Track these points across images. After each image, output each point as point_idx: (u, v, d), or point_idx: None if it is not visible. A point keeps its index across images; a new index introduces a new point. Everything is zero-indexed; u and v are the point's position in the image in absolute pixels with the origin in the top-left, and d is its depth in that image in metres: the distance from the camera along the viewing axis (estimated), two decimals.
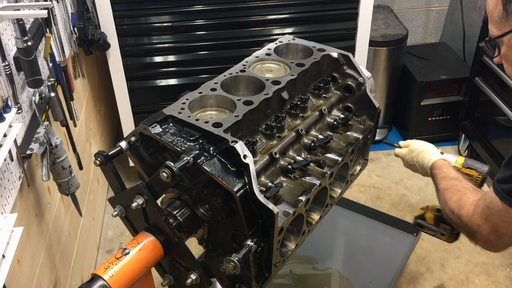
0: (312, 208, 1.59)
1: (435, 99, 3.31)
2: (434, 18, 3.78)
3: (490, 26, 1.27)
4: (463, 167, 1.72)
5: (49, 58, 1.87)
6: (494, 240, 1.37)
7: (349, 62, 1.80)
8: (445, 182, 1.58)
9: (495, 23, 1.24)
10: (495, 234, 1.35)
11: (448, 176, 1.59)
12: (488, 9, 1.25)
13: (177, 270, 1.47)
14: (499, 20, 1.22)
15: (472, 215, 1.40)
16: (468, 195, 1.47)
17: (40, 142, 1.65)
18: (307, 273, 2.40)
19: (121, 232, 2.82)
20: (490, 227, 1.35)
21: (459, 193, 1.50)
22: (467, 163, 1.73)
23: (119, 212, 1.43)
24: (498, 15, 1.21)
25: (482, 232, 1.37)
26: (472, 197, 1.45)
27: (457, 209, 1.46)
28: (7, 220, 1.33)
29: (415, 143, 1.82)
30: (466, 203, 1.44)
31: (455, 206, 1.47)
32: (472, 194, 1.47)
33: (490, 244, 1.40)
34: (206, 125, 1.36)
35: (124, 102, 2.82)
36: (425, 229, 1.84)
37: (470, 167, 1.72)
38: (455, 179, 1.57)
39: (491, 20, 1.26)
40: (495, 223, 1.33)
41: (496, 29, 1.24)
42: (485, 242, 1.40)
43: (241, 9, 2.69)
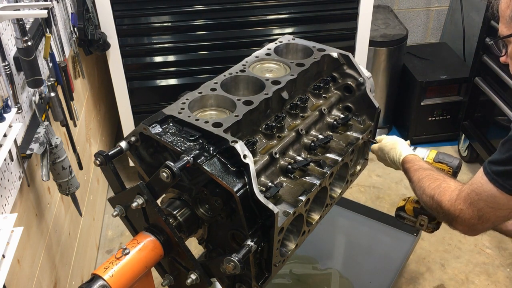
0: (312, 208, 1.59)
1: (435, 99, 3.31)
2: (434, 18, 3.78)
3: (501, 25, 1.29)
4: (434, 161, 1.74)
5: (49, 58, 1.87)
6: (475, 225, 1.38)
7: (349, 62, 1.80)
8: (419, 173, 1.59)
9: (505, 22, 1.26)
10: (478, 219, 1.36)
11: (421, 168, 1.61)
12: (500, 9, 1.28)
13: (177, 270, 1.47)
14: (510, 20, 1.24)
15: (455, 200, 1.40)
16: (448, 182, 1.48)
17: (40, 142, 1.65)
18: (307, 273, 2.40)
19: (121, 232, 2.82)
20: (474, 211, 1.36)
21: (437, 181, 1.51)
22: (438, 157, 1.75)
23: (119, 212, 1.43)
24: (510, 15, 1.24)
25: (464, 216, 1.38)
26: (453, 183, 1.47)
27: (437, 195, 1.47)
28: (7, 220, 1.33)
29: (386, 139, 1.83)
30: (448, 189, 1.45)
31: (434, 192, 1.48)
32: (452, 181, 1.49)
33: (470, 228, 1.41)
34: (206, 125, 1.36)
35: (124, 102, 2.82)
36: (405, 220, 1.87)
37: (441, 161, 1.74)
38: (430, 169, 1.59)
39: (502, 20, 1.28)
40: (481, 208, 1.34)
41: (506, 29, 1.27)
42: (466, 226, 1.41)
43: (241, 9, 2.69)
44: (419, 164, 1.64)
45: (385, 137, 1.85)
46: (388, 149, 1.78)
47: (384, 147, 1.81)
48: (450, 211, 1.42)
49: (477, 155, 3.17)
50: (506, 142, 1.29)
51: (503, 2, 1.26)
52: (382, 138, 1.86)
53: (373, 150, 1.87)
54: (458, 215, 1.40)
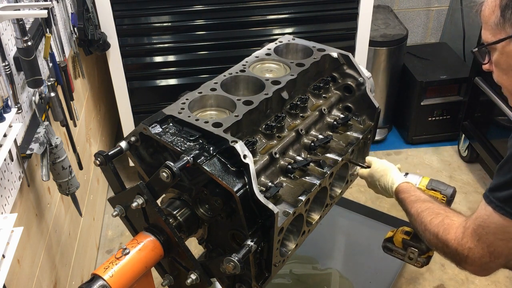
0: (312, 208, 1.60)
1: (435, 99, 3.31)
2: (434, 18, 3.78)
3: (484, 32, 1.23)
4: (427, 188, 1.63)
5: (49, 58, 1.87)
6: (488, 263, 1.26)
7: (349, 62, 1.80)
8: (417, 205, 1.46)
9: (490, 29, 1.21)
10: (490, 255, 1.24)
11: (419, 199, 1.48)
12: (483, 15, 1.23)
13: (177, 270, 1.47)
14: (495, 27, 1.19)
15: (462, 238, 1.28)
16: (451, 217, 1.35)
17: (40, 142, 1.65)
18: (307, 273, 2.40)
19: (121, 232, 2.82)
20: (484, 248, 1.24)
21: (439, 216, 1.38)
22: (431, 184, 1.64)
23: (119, 212, 1.43)
24: (495, 21, 1.18)
25: (475, 255, 1.26)
26: (457, 219, 1.34)
27: (442, 233, 1.34)
28: (7, 220, 1.33)
29: (375, 165, 1.69)
30: (452, 226, 1.32)
31: (438, 230, 1.35)
32: (455, 216, 1.36)
33: (482, 267, 1.28)
34: (206, 125, 1.36)
35: (124, 102, 2.82)
36: (394, 253, 1.73)
37: (434, 189, 1.63)
38: (428, 201, 1.46)
39: (486, 26, 1.22)
40: (491, 243, 1.22)
41: (491, 35, 1.21)
42: (477, 266, 1.28)
43: (241, 9, 2.69)
44: (415, 194, 1.51)
45: (375, 162, 1.70)
46: (379, 176, 1.66)
47: (374, 174, 1.67)
48: (458, 251, 1.29)
49: (477, 155, 3.16)
50: (505, 164, 1.19)
51: (487, 7, 1.21)
52: (371, 162, 1.72)
53: (362, 176, 1.74)
54: (467, 254, 1.27)
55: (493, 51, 1.24)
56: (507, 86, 1.27)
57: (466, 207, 2.96)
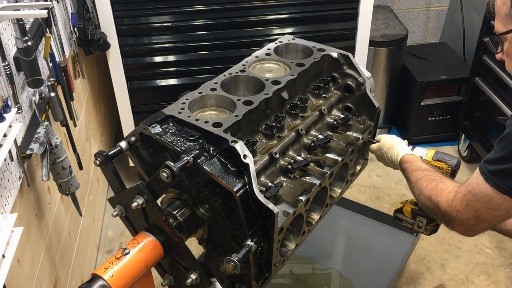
0: (312, 208, 1.59)
1: (435, 99, 3.31)
2: (434, 18, 3.78)
3: (496, 22, 1.29)
4: (433, 159, 1.74)
5: (49, 58, 1.87)
6: (473, 225, 1.38)
7: (349, 62, 1.80)
8: (417, 173, 1.58)
9: (501, 19, 1.26)
10: (475, 219, 1.36)
11: (419, 168, 1.60)
12: (496, 5, 1.28)
13: (177, 270, 1.47)
14: (506, 17, 1.24)
15: (452, 201, 1.40)
16: (445, 182, 1.48)
17: (40, 142, 1.65)
18: (307, 273, 2.40)
19: (121, 232, 2.82)
20: (471, 212, 1.35)
21: (434, 181, 1.50)
22: (437, 156, 1.74)
23: (119, 212, 1.43)
24: (506, 12, 1.24)
25: (462, 217, 1.38)
26: (450, 184, 1.46)
27: (434, 196, 1.46)
28: (7, 220, 1.33)
29: (384, 138, 1.81)
30: (445, 190, 1.44)
31: (431, 193, 1.47)
32: (449, 182, 1.48)
33: (468, 229, 1.40)
34: (206, 125, 1.36)
35: (124, 102, 2.82)
36: (403, 222, 1.86)
37: (439, 160, 1.73)
38: (427, 170, 1.58)
39: (498, 17, 1.28)
40: (477, 209, 1.33)
41: (502, 26, 1.27)
42: (463, 227, 1.40)
43: (241, 9, 2.69)
44: (416, 164, 1.63)
45: (384, 137, 1.83)
46: (386, 149, 1.77)
47: (382, 147, 1.79)
48: (447, 213, 1.42)
49: (477, 155, 3.16)
50: (501, 140, 1.28)
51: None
52: (381, 137, 1.85)
53: (372, 149, 1.86)
54: (455, 216, 1.40)
55: (505, 41, 1.29)
56: None
57: None
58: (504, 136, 1.27)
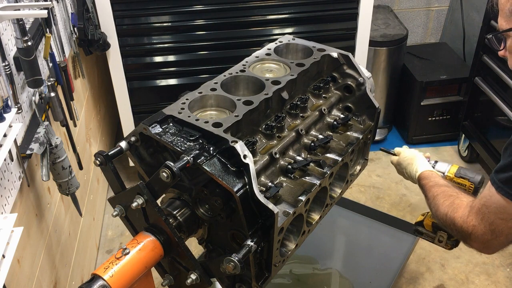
0: (312, 208, 1.59)
1: (435, 99, 3.31)
2: (434, 18, 3.78)
3: (500, 19, 1.29)
4: (456, 176, 1.70)
5: (49, 58, 1.87)
6: (490, 240, 1.34)
7: (349, 62, 1.80)
8: (435, 189, 1.56)
9: (505, 16, 1.26)
10: (491, 233, 1.32)
11: (437, 184, 1.58)
12: (500, 2, 1.28)
13: (177, 270, 1.47)
14: (510, 14, 1.24)
15: (467, 216, 1.37)
16: (461, 198, 1.45)
17: (40, 142, 1.65)
18: (307, 273, 2.40)
19: (121, 232, 2.82)
20: (486, 226, 1.32)
21: (451, 197, 1.48)
22: (460, 172, 1.71)
23: (119, 212, 1.43)
24: (509, 9, 1.24)
25: (477, 232, 1.35)
26: (466, 199, 1.44)
27: (450, 212, 1.44)
28: (7, 220, 1.33)
29: (404, 153, 1.81)
30: (460, 206, 1.42)
31: (448, 210, 1.45)
32: (465, 197, 1.45)
33: (485, 245, 1.37)
34: (206, 125, 1.36)
35: (124, 102, 2.82)
36: (424, 236, 1.85)
37: (462, 177, 1.70)
38: (445, 186, 1.56)
39: (501, 13, 1.28)
40: (492, 222, 1.30)
41: (505, 23, 1.27)
42: (480, 243, 1.37)
43: (241, 9, 2.69)
44: (434, 180, 1.61)
45: (404, 151, 1.83)
46: (406, 164, 1.77)
47: (402, 162, 1.80)
48: (463, 228, 1.38)
49: (477, 155, 3.16)
50: (507, 148, 1.26)
51: None
52: (401, 151, 1.84)
53: (392, 163, 1.89)
54: (471, 231, 1.36)
55: (508, 38, 1.29)
56: None
57: None
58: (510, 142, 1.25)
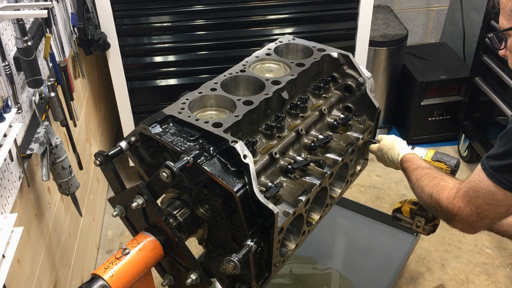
0: (312, 208, 1.59)
1: (435, 99, 3.31)
2: (434, 18, 3.78)
3: (501, 18, 1.28)
4: (432, 160, 1.74)
5: (49, 58, 1.87)
6: (474, 222, 1.37)
7: (349, 62, 1.80)
8: (418, 172, 1.58)
9: (506, 15, 1.26)
10: (476, 216, 1.35)
11: (420, 166, 1.60)
12: (501, 1, 1.27)
13: (177, 270, 1.47)
14: (511, 13, 1.24)
15: (453, 198, 1.39)
16: (446, 180, 1.48)
17: (40, 142, 1.65)
18: (307, 273, 2.40)
19: (121, 232, 2.82)
20: (472, 209, 1.35)
21: (435, 179, 1.50)
22: (436, 156, 1.75)
23: (119, 212, 1.43)
24: (511, 8, 1.24)
25: (463, 214, 1.37)
26: (451, 181, 1.46)
27: (435, 193, 1.46)
28: (7, 220, 1.33)
29: (385, 139, 1.81)
30: (446, 187, 1.44)
31: (433, 191, 1.47)
32: (450, 179, 1.48)
33: (469, 226, 1.40)
34: (206, 125, 1.36)
35: (124, 102, 2.82)
36: (402, 222, 1.86)
37: (439, 160, 1.74)
38: (428, 168, 1.58)
39: (503, 12, 1.28)
40: (479, 205, 1.33)
41: (507, 22, 1.26)
42: (464, 224, 1.40)
43: (241, 9, 2.69)
44: (417, 163, 1.63)
45: (384, 137, 1.83)
46: (387, 149, 1.77)
47: (382, 147, 1.79)
48: (448, 209, 1.42)
49: (477, 155, 3.16)
50: (503, 136, 1.28)
51: None
52: (381, 137, 1.85)
53: (372, 150, 1.86)
54: (456, 213, 1.40)
55: (509, 37, 1.29)
56: None
57: None
58: (506, 132, 1.27)
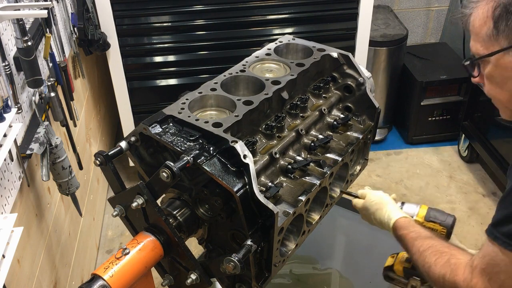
0: (312, 208, 1.59)
1: (435, 99, 3.31)
2: (434, 18, 3.78)
3: (474, 44, 1.17)
4: (425, 220, 1.56)
5: (49, 58, 1.87)
6: None
7: (349, 62, 1.80)
8: (419, 243, 1.38)
9: (481, 41, 1.15)
10: None
11: (420, 236, 1.40)
12: (473, 26, 1.16)
13: (177, 270, 1.47)
14: (487, 39, 1.13)
15: (471, 279, 1.21)
16: (456, 256, 1.29)
17: (40, 142, 1.65)
18: (307, 273, 2.40)
19: (121, 232, 2.82)
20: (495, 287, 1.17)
21: (444, 255, 1.30)
22: (430, 215, 1.57)
23: (119, 212, 1.43)
24: (487, 33, 1.12)
25: None
26: (462, 257, 1.27)
27: (449, 274, 1.26)
28: (7, 220, 1.33)
29: (370, 197, 1.61)
30: (459, 266, 1.25)
31: (445, 271, 1.27)
32: (461, 254, 1.29)
33: None
34: (206, 125, 1.36)
35: (124, 102, 2.82)
36: (395, 282, 1.66)
37: (433, 220, 1.56)
38: (430, 238, 1.38)
39: (476, 38, 1.16)
40: (503, 281, 1.15)
41: (483, 48, 1.15)
42: None
43: (241, 9, 2.69)
44: (415, 230, 1.44)
45: (369, 194, 1.63)
46: (374, 210, 1.58)
47: (369, 207, 1.60)
48: None
49: (477, 155, 3.16)
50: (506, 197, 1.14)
51: (477, 19, 1.14)
52: (364, 194, 1.65)
53: (356, 207, 1.66)
54: None
55: (485, 64, 1.17)
56: (501, 99, 1.19)
57: (466, 207, 2.96)
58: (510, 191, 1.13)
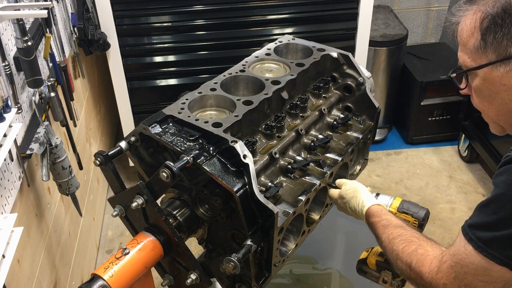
0: (312, 208, 1.60)
1: (435, 99, 3.31)
2: (434, 18, 3.78)
3: (462, 54, 1.14)
4: (398, 211, 1.56)
5: (49, 58, 1.87)
6: None
7: (349, 62, 1.80)
8: (389, 231, 1.36)
9: (469, 52, 1.12)
10: None
11: (390, 224, 1.38)
12: (460, 36, 1.14)
13: (177, 270, 1.47)
14: (475, 51, 1.10)
15: (436, 272, 1.19)
16: (424, 247, 1.26)
17: (40, 142, 1.65)
18: (307, 273, 2.40)
19: (121, 232, 2.82)
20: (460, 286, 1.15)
21: (412, 244, 1.28)
22: (403, 206, 1.56)
23: (119, 212, 1.43)
24: (475, 45, 1.09)
25: None
26: (431, 249, 1.25)
27: (415, 264, 1.25)
28: (7, 220, 1.33)
29: (345, 187, 1.58)
30: (426, 257, 1.24)
31: (411, 260, 1.26)
32: (429, 246, 1.27)
33: None
34: (206, 125, 1.36)
35: (124, 102, 2.82)
36: (368, 275, 1.66)
37: (405, 212, 1.56)
38: (400, 227, 1.36)
39: (463, 49, 1.13)
40: (469, 282, 1.13)
41: (470, 59, 1.12)
42: None
43: (241, 9, 2.69)
44: (386, 218, 1.42)
45: (345, 183, 1.59)
46: (349, 198, 1.54)
47: (344, 195, 1.56)
48: (432, 285, 1.21)
49: (477, 155, 3.16)
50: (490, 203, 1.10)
51: (465, 29, 1.12)
52: (342, 183, 1.61)
53: (332, 197, 1.62)
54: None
55: (473, 76, 1.14)
56: (489, 113, 1.18)
57: (466, 207, 2.96)
58: (494, 198, 1.08)
